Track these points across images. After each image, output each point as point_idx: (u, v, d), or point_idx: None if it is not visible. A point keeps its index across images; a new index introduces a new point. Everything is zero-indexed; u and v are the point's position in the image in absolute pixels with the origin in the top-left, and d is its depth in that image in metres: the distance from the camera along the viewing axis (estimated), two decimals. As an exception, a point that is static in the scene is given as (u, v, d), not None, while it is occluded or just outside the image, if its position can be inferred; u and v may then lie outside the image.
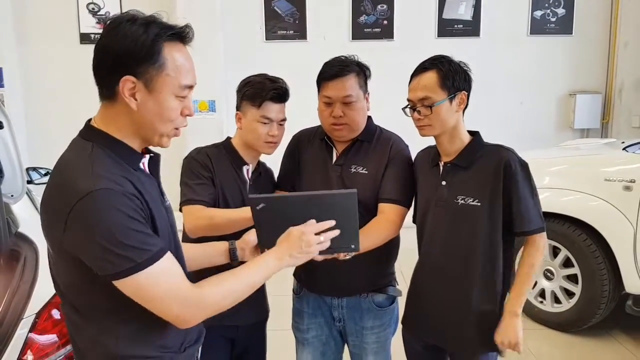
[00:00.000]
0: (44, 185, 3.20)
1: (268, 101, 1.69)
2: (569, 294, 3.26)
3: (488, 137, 1.68)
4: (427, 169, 1.69)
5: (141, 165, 1.14)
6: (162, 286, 1.02)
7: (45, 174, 3.56)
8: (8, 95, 5.93)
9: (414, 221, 1.81)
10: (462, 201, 1.56)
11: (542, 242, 1.57)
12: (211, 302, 1.09)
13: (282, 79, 1.74)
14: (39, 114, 6.12)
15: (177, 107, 1.09)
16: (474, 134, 1.65)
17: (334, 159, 1.83)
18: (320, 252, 1.31)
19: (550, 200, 3.28)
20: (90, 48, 1.10)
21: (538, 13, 5.80)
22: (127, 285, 1.01)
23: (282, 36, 5.95)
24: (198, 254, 1.37)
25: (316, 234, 1.26)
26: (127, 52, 1.03)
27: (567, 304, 3.25)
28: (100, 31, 4.88)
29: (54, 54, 6.03)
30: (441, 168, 1.64)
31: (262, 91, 1.68)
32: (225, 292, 1.12)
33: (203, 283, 1.11)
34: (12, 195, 1.90)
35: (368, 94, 1.80)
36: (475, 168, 1.57)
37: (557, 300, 3.33)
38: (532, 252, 1.58)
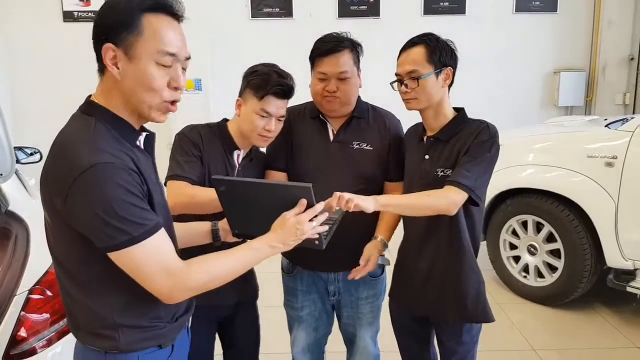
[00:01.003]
0: (31, 165, 3.14)
1: (271, 95, 1.63)
2: (552, 268, 3.35)
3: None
4: (414, 143, 1.73)
5: (138, 142, 1.16)
6: (153, 261, 1.05)
7: (31, 154, 3.52)
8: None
9: None
10: (442, 173, 1.60)
11: (452, 194, 1.50)
12: (198, 281, 1.11)
13: (290, 75, 1.68)
14: (23, 92, 6.00)
15: (159, 75, 1.07)
16: (459, 110, 1.68)
17: (331, 136, 1.84)
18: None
19: (534, 176, 3.35)
20: (74, 26, 1.09)
21: (524, -10, 5.80)
22: (122, 258, 1.03)
23: (268, 14, 5.88)
24: (181, 233, 1.37)
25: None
26: (108, 21, 1.06)
27: (550, 279, 3.34)
28: (84, 9, 4.79)
29: (37, 31, 5.89)
30: (425, 142, 1.67)
31: (267, 84, 1.63)
32: (213, 273, 1.14)
33: (192, 262, 1.12)
34: (1, 174, 1.89)
35: (360, 70, 1.82)
36: (455, 140, 1.61)
37: (540, 274, 3.42)
38: (439, 193, 1.51)
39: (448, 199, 1.50)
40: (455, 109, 1.69)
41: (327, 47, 1.75)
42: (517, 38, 5.95)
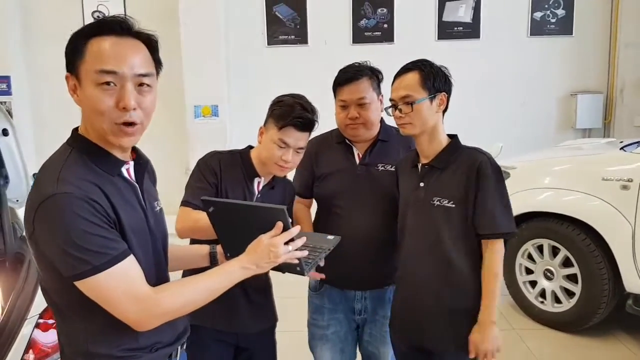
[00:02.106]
0: None
1: (290, 126, 1.64)
2: (569, 293, 3.28)
3: (490, 139, 1.74)
4: (408, 170, 1.74)
5: (124, 171, 1.16)
6: (119, 289, 1.04)
7: None
8: (16, 102, 6.02)
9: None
10: (438, 202, 1.60)
11: (499, 246, 1.57)
12: (168, 308, 1.10)
13: (314, 109, 1.69)
14: (46, 120, 6.19)
15: (100, 96, 1.05)
16: (452, 137, 1.69)
17: (357, 159, 1.92)
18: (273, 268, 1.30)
19: (549, 200, 3.31)
20: None
21: (538, 14, 5.81)
22: (86, 286, 1.03)
23: (284, 41, 6.00)
24: (181, 255, 1.40)
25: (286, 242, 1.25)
26: (67, 52, 1.09)
27: (567, 304, 3.27)
28: None
29: (59, 61, 6.06)
30: (419, 170, 1.68)
31: (288, 115, 1.64)
32: (184, 299, 1.13)
33: (163, 288, 1.12)
34: (17, 200, 1.95)
35: (382, 95, 1.91)
36: (451, 169, 1.62)
37: (557, 300, 3.35)
38: (492, 258, 1.57)
39: (498, 255, 1.56)
40: (448, 135, 1.70)
41: (346, 76, 1.86)
42: (533, 61, 5.94)
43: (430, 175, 1.64)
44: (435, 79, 1.60)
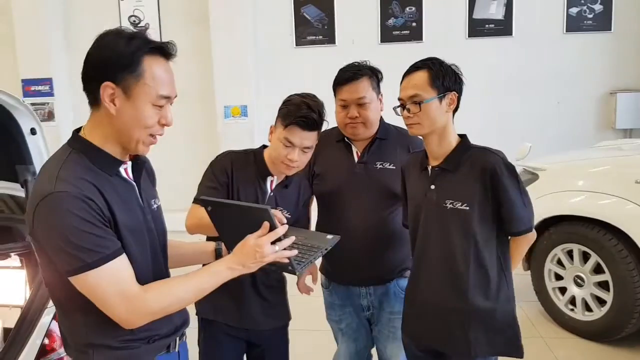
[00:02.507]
0: None
1: (295, 125, 1.66)
2: (601, 301, 3.13)
3: (524, 138, 1.72)
4: (417, 173, 1.69)
5: (122, 171, 1.21)
6: (108, 287, 1.08)
7: None
8: (58, 103, 6.26)
9: (404, 225, 1.82)
10: (451, 205, 1.56)
11: (531, 237, 1.63)
12: (156, 308, 1.14)
13: (321, 109, 1.69)
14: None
15: (153, 115, 1.15)
16: (462, 137, 1.64)
17: (356, 157, 1.92)
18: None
19: (578, 203, 3.17)
20: None
21: (574, 10, 5.60)
22: (79, 283, 1.08)
23: (312, 41, 6.00)
24: (187, 252, 1.44)
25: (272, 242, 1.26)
26: (109, 61, 1.10)
27: (598, 312, 3.12)
28: None
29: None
30: (430, 172, 1.63)
31: (293, 114, 1.66)
32: (171, 299, 1.16)
33: (151, 287, 1.15)
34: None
35: (381, 95, 1.92)
36: (462, 172, 1.57)
37: (588, 308, 3.20)
38: (523, 245, 1.64)
39: (528, 243, 1.64)
40: (458, 135, 1.65)
41: (346, 75, 1.86)
42: (569, 59, 5.72)
43: (442, 177, 1.60)
44: (444, 78, 1.56)
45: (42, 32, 6.11)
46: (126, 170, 1.22)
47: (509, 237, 1.62)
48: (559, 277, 3.36)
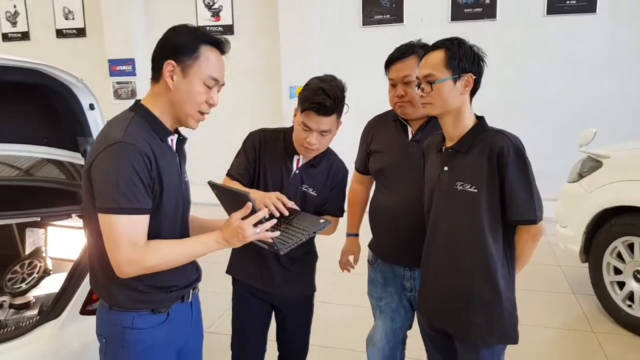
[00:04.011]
0: None
1: (310, 111, 1.69)
2: (663, 298, 2.94)
3: (611, 121, 1.63)
4: (434, 154, 1.69)
5: (169, 141, 1.40)
6: (124, 235, 1.24)
7: None
8: (139, 83, 6.74)
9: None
10: (461, 187, 1.55)
11: (534, 231, 1.56)
12: (150, 264, 1.29)
13: (337, 94, 1.71)
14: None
15: (203, 92, 1.34)
16: (479, 119, 1.61)
17: (410, 136, 1.92)
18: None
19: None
20: None
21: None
22: (104, 220, 1.25)
23: (379, 21, 5.95)
24: (205, 226, 1.56)
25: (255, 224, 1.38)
26: (174, 44, 1.33)
27: (658, 310, 2.93)
28: (214, 24, 5.57)
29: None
30: (443, 153, 1.63)
31: (308, 99, 1.69)
32: (163, 258, 1.31)
33: (152, 244, 1.29)
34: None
35: None
36: (474, 154, 1.55)
37: (647, 304, 3.01)
38: (527, 243, 1.58)
39: (533, 241, 1.57)
40: (476, 117, 1.62)
41: (394, 54, 1.88)
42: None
43: (454, 159, 1.60)
44: (461, 59, 1.53)
45: (126, 17, 6.59)
46: (172, 141, 1.42)
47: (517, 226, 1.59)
48: (617, 271, 3.17)
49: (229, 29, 6.49)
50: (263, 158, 1.86)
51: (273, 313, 2.02)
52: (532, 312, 3.32)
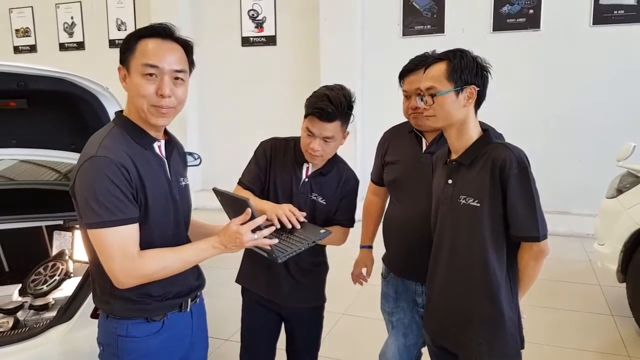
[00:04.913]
0: (194, 167, 3.70)
1: (312, 116, 1.73)
2: None
3: None
4: (440, 166, 1.66)
5: (155, 147, 1.38)
6: (113, 247, 1.24)
7: (197, 158, 4.13)
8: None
9: None
10: (464, 201, 1.52)
11: (537, 249, 1.49)
12: (146, 271, 1.28)
13: (341, 101, 1.72)
14: (209, 106, 7.08)
15: (144, 84, 1.29)
16: (485, 131, 1.58)
17: (424, 147, 1.91)
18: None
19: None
20: (250, 50, 1.39)
21: None
22: (92, 235, 1.26)
23: (419, 31, 5.92)
24: (202, 229, 1.58)
25: (253, 230, 1.37)
26: (122, 49, 1.33)
27: (701, 337, 2.75)
28: (258, 35, 5.63)
29: (221, 55, 6.92)
30: (448, 166, 1.60)
31: (312, 105, 1.73)
32: (159, 266, 1.30)
33: (146, 254, 1.28)
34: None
35: None
36: (478, 167, 1.51)
37: (689, 331, 2.83)
38: (529, 262, 1.53)
39: (537, 260, 1.52)
40: (483, 129, 1.59)
41: (408, 67, 1.88)
42: None
43: (458, 172, 1.57)
44: (463, 72, 1.50)
45: (175, 23, 6.81)
46: (160, 147, 1.40)
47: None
48: (657, 293, 3.01)
49: (271, 40, 6.64)
50: (274, 166, 1.88)
51: (283, 323, 2.02)
52: (566, 334, 3.21)
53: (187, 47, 1.37)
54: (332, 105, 1.70)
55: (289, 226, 1.62)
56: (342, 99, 1.73)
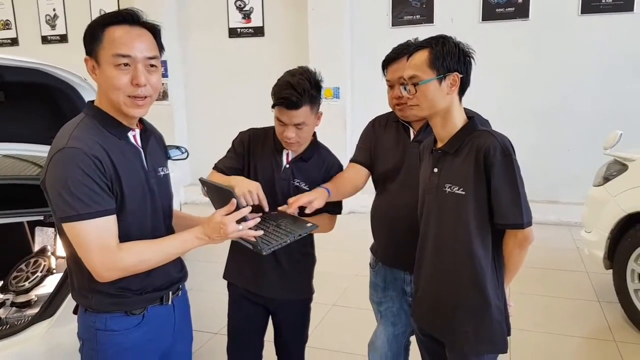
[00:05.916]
0: (180, 161, 3.70)
1: (279, 105, 1.71)
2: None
3: None
4: (427, 155, 1.65)
5: (130, 137, 1.35)
6: (91, 240, 1.20)
7: (184, 152, 4.08)
8: (171, 84, 6.89)
9: None
10: (449, 189, 1.51)
11: (521, 236, 1.49)
12: (126, 264, 1.25)
13: (306, 86, 1.68)
14: (196, 99, 7.00)
15: (117, 75, 1.24)
16: (470, 118, 1.56)
17: (412, 136, 1.90)
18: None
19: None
20: (237, 42, 1.34)
21: None
22: (68, 229, 1.22)
23: (409, 21, 5.88)
24: (188, 221, 1.55)
25: (238, 221, 1.34)
26: (87, 39, 1.28)
27: (686, 323, 2.77)
28: (245, 26, 5.54)
29: (207, 47, 6.82)
30: (434, 154, 1.59)
31: (277, 94, 1.71)
32: (140, 258, 1.27)
33: (126, 246, 1.25)
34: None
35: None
36: (463, 155, 1.50)
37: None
38: (514, 249, 1.52)
39: (521, 247, 1.51)
40: (468, 117, 1.57)
41: (390, 56, 1.86)
42: None
43: (443, 160, 1.55)
44: (445, 59, 1.48)
45: (158, 17, 6.69)
46: (135, 137, 1.36)
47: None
48: (643, 280, 3.03)
49: (259, 31, 6.57)
50: (253, 154, 1.87)
51: (270, 316, 2.01)
52: (555, 320, 3.24)
53: (155, 32, 1.33)
54: (295, 92, 1.67)
55: (250, 203, 1.58)
56: (305, 83, 1.69)
